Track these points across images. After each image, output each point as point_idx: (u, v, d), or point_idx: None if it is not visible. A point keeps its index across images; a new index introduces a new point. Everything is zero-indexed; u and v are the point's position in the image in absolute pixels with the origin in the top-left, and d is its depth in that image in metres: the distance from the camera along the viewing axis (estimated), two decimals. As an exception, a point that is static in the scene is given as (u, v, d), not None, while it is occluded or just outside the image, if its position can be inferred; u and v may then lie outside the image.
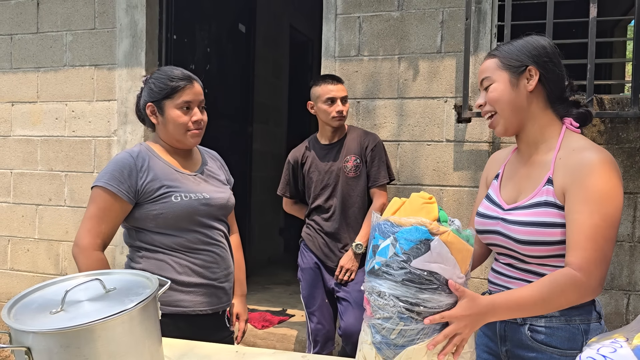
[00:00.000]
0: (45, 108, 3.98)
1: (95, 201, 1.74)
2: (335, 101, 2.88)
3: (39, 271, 4.03)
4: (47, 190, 3.98)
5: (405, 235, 1.23)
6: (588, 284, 1.27)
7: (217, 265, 1.86)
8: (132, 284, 1.44)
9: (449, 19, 3.14)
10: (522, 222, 1.37)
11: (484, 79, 1.46)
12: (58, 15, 3.92)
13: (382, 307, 1.25)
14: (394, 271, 1.23)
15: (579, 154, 1.34)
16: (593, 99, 2.83)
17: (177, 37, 3.97)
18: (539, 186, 1.38)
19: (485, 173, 1.65)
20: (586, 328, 1.38)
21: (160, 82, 1.81)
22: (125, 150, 1.82)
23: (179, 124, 1.80)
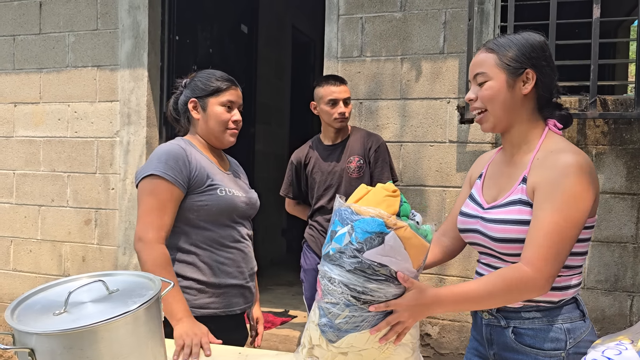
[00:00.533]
0: (47, 109, 3.98)
1: (153, 193, 1.72)
2: (337, 103, 2.87)
3: (41, 272, 4.03)
4: (49, 191, 3.99)
5: (362, 225, 1.25)
6: (535, 279, 1.27)
7: (245, 264, 1.88)
8: (135, 286, 1.43)
9: (451, 20, 3.13)
10: (498, 220, 1.38)
11: (479, 73, 1.42)
12: (60, 16, 3.93)
13: (331, 292, 1.28)
14: (346, 259, 1.26)
15: (555, 155, 1.35)
16: (597, 100, 2.82)
17: (179, 37, 3.97)
18: (515, 185, 1.39)
19: (470, 173, 1.65)
20: (569, 327, 1.37)
21: (206, 80, 1.87)
22: (169, 142, 1.84)
23: (220, 121, 1.85)
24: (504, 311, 1.42)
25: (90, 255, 3.91)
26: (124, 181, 3.80)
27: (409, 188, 3.23)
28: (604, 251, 2.95)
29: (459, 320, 3.15)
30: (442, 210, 3.17)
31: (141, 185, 1.75)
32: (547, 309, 1.37)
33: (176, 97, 1.94)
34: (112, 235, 3.85)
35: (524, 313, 1.39)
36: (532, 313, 1.38)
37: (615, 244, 2.93)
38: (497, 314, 1.43)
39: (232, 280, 1.83)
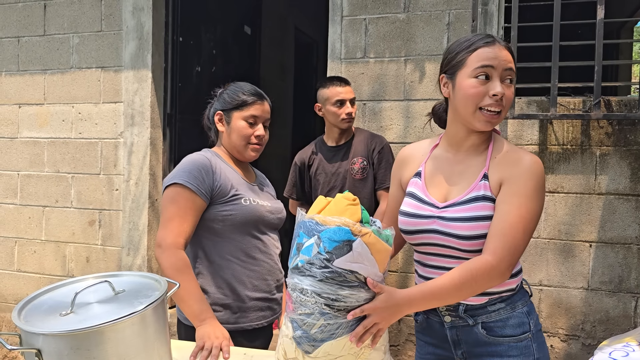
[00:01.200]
0: (52, 110, 3.99)
1: (175, 201, 1.73)
2: (344, 103, 2.88)
3: (45, 273, 4.04)
4: (53, 192, 4.00)
5: (329, 235, 1.28)
6: (497, 267, 1.32)
7: (271, 276, 1.86)
8: (141, 286, 1.44)
9: (455, 21, 3.13)
10: (462, 218, 1.39)
11: (509, 69, 1.37)
12: (65, 18, 3.94)
13: (304, 304, 1.30)
14: (316, 269, 1.28)
15: (514, 154, 1.41)
16: (600, 101, 2.82)
17: (183, 39, 3.98)
18: (475, 182, 1.41)
19: (398, 172, 1.60)
20: (527, 310, 1.46)
21: (233, 94, 1.88)
22: (196, 153, 1.86)
23: (242, 135, 1.85)
24: (470, 310, 1.45)
25: (94, 256, 3.92)
26: (127, 182, 3.80)
27: (412, 189, 3.23)
28: (608, 252, 2.94)
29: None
30: (445, 212, 3.16)
31: (165, 194, 1.77)
32: (509, 297, 1.45)
33: (210, 107, 1.96)
34: (116, 236, 3.85)
35: (489, 307, 1.44)
36: (496, 305, 1.44)
37: (619, 245, 2.93)
38: (464, 314, 1.45)
39: (258, 293, 1.82)
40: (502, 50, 1.37)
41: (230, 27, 4.70)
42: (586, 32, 3.23)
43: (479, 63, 1.36)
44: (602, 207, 2.92)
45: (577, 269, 2.99)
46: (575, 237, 2.99)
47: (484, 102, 1.36)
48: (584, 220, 2.96)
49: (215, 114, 1.90)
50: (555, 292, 3.01)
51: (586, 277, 2.98)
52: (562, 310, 3.00)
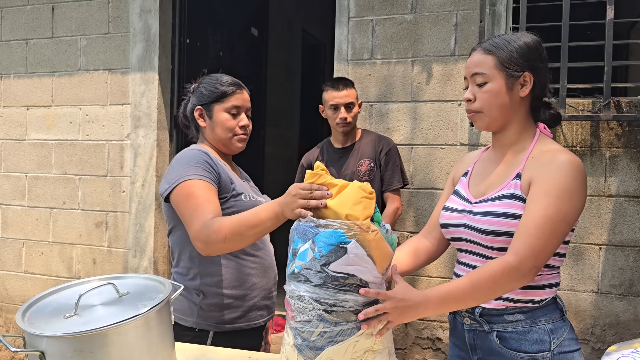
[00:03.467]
0: (59, 112, 4.00)
1: (191, 194, 1.62)
2: (338, 108, 2.86)
3: (52, 274, 4.05)
4: (61, 194, 4.00)
5: (323, 239, 1.26)
6: (518, 268, 1.27)
7: (268, 273, 1.83)
8: (146, 289, 1.43)
9: (462, 22, 3.11)
10: (487, 213, 1.39)
11: (477, 73, 1.42)
12: (73, 20, 3.95)
13: (302, 311, 1.28)
14: (313, 275, 1.26)
15: (551, 154, 1.37)
16: (610, 102, 2.79)
17: (190, 41, 3.97)
18: (508, 180, 1.40)
19: (453, 173, 1.65)
20: (552, 328, 1.38)
21: (210, 86, 1.82)
22: (189, 149, 1.78)
23: (226, 128, 1.80)
24: (486, 315, 1.42)
25: (101, 258, 3.92)
26: (134, 184, 3.81)
27: (419, 191, 3.21)
28: (618, 255, 2.91)
29: (471, 325, 3.12)
30: (453, 214, 3.13)
31: (174, 196, 1.66)
32: (530, 310, 1.39)
33: (185, 104, 1.89)
34: (123, 238, 3.86)
35: (507, 316, 1.40)
36: (515, 315, 1.39)
37: (629, 248, 2.89)
38: (480, 318, 1.43)
39: (257, 291, 1.79)
40: (473, 55, 1.46)
41: (237, 28, 4.70)
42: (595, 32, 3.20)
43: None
44: (612, 209, 2.89)
45: (586, 272, 2.95)
46: (585, 239, 2.95)
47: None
48: (594, 223, 2.93)
49: (194, 109, 1.83)
50: (564, 296, 2.98)
51: (596, 280, 2.95)
52: (571, 313, 2.97)
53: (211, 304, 1.74)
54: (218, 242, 1.55)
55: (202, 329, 1.74)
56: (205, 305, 1.74)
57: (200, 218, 1.58)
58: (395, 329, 3.23)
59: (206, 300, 1.74)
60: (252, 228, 1.53)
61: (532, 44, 1.43)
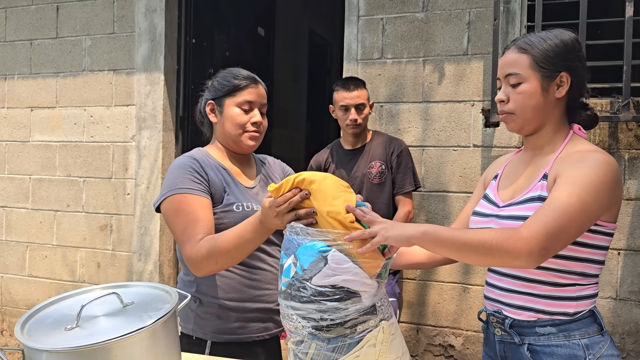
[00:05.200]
0: (64, 113, 3.95)
1: (180, 210, 1.56)
2: (349, 109, 2.80)
3: (56, 278, 3.99)
4: (65, 196, 3.95)
5: (303, 251, 1.20)
6: (526, 242, 1.16)
7: (274, 285, 1.71)
8: (151, 298, 1.37)
9: (475, 20, 3.03)
10: (514, 217, 1.33)
11: (511, 74, 1.36)
12: (77, 20, 3.90)
13: (294, 330, 1.22)
14: (298, 291, 1.20)
15: (583, 153, 1.31)
16: (630, 102, 2.70)
17: (195, 41, 3.92)
18: (534, 182, 1.35)
19: (484, 175, 1.61)
20: (587, 343, 1.30)
21: (224, 80, 1.72)
22: (183, 155, 1.71)
23: (236, 123, 1.68)
24: (517, 327, 1.35)
25: (105, 262, 3.86)
26: (139, 186, 3.74)
27: (431, 194, 3.13)
28: (637, 261, 2.82)
29: (484, 331, 3.04)
30: (466, 217, 3.05)
31: (163, 210, 1.61)
32: (563, 323, 1.31)
33: (201, 100, 1.80)
34: (128, 241, 3.79)
35: (538, 328, 1.33)
36: (547, 328, 1.32)
37: (649, 253, 2.81)
38: (511, 329, 1.36)
39: (259, 304, 1.68)
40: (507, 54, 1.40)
41: (244, 28, 4.64)
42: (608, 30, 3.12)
43: None
44: (632, 213, 2.80)
45: (604, 277, 2.86)
46: (602, 244, 2.86)
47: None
48: (612, 227, 2.84)
49: (206, 104, 1.73)
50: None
51: (614, 286, 2.86)
52: (588, 320, 2.88)
53: (207, 312, 1.66)
54: (209, 266, 1.53)
55: (199, 338, 1.67)
56: (201, 313, 1.67)
57: (190, 239, 1.54)
58: (406, 335, 3.14)
59: (202, 307, 1.66)
60: (237, 247, 1.49)
61: (569, 41, 1.36)
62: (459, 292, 3.08)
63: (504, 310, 1.38)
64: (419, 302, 3.15)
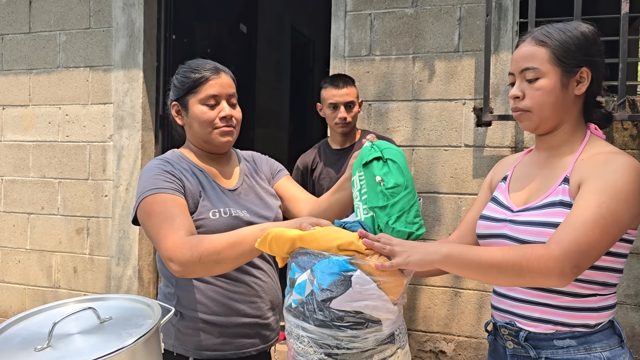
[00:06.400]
0: (37, 112, 3.78)
1: (152, 211, 1.42)
2: (338, 107, 2.70)
3: (30, 283, 3.82)
4: (39, 198, 3.79)
5: (323, 268, 1.09)
6: (559, 260, 1.09)
7: (261, 298, 1.58)
8: (131, 313, 1.26)
9: (467, 16, 2.96)
10: (532, 223, 1.24)
11: (528, 68, 1.26)
12: (51, 14, 3.74)
13: (302, 354, 1.12)
14: (312, 313, 1.09)
15: (606, 155, 1.23)
16: (625, 101, 2.65)
17: (176, 36, 3.79)
18: (554, 185, 1.26)
19: (490, 176, 1.51)
20: (609, 355, 1.23)
21: (183, 76, 1.57)
22: (155, 159, 1.57)
23: (203, 122, 1.52)
24: (533, 339, 1.26)
25: (82, 266, 3.70)
26: (117, 188, 3.59)
27: (421, 195, 3.05)
28: (633, 263, 2.77)
29: (476, 337, 2.96)
30: (457, 219, 2.98)
31: (138, 215, 1.48)
32: (583, 335, 1.23)
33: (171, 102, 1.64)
34: (105, 245, 3.64)
35: (556, 341, 1.24)
36: (566, 341, 1.23)
37: (643, 255, 2.76)
38: (525, 343, 1.27)
39: (244, 318, 1.55)
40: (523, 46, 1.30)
41: (226, 24, 4.52)
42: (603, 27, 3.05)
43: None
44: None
45: (598, 279, 2.80)
46: (596, 245, 2.81)
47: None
48: (606, 228, 2.79)
49: (171, 106, 1.59)
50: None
51: (608, 288, 2.80)
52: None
53: (189, 327, 1.53)
54: (193, 263, 1.34)
55: (181, 354, 1.53)
56: (183, 328, 1.54)
57: (169, 235, 1.37)
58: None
59: (183, 322, 1.54)
60: (231, 247, 1.33)
61: (590, 34, 1.27)
62: (450, 297, 3.00)
63: (518, 322, 1.28)
64: (409, 307, 3.06)
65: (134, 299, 1.32)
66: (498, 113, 2.87)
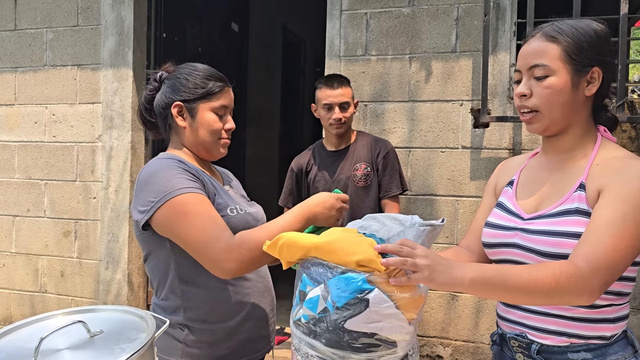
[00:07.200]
0: (23, 111, 3.68)
1: (188, 213, 1.35)
2: (332, 108, 2.64)
3: (15, 288, 3.72)
4: (25, 200, 3.69)
5: (338, 285, 1.02)
6: (588, 279, 1.04)
7: (265, 297, 1.56)
8: (123, 326, 1.19)
9: (464, 16, 2.91)
10: (546, 232, 1.18)
11: (538, 65, 1.20)
12: (38, 11, 3.64)
13: None
14: (324, 331, 1.03)
15: (623, 160, 1.17)
16: (624, 103, 2.61)
17: (166, 35, 3.71)
18: (569, 192, 1.20)
19: (495, 180, 1.45)
20: None
21: (195, 79, 1.52)
22: (158, 159, 1.50)
23: (213, 130, 1.52)
24: (545, 352, 1.20)
25: (70, 270, 3.61)
26: (106, 190, 3.51)
27: (418, 198, 3.00)
28: (632, 266, 2.74)
29: (474, 341, 2.92)
30: (454, 222, 2.93)
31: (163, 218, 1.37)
32: (599, 347, 1.18)
33: (149, 95, 1.57)
34: (94, 248, 3.56)
35: (570, 354, 1.19)
36: (581, 353, 1.18)
37: (642, 258, 2.73)
38: (537, 356, 1.21)
39: (252, 322, 1.52)
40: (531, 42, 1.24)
41: (217, 23, 4.45)
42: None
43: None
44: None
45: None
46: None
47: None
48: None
49: (171, 105, 1.52)
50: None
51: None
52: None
53: (198, 341, 1.47)
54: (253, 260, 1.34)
55: None
56: (190, 342, 1.47)
57: (219, 237, 1.34)
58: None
59: (192, 336, 1.47)
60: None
61: (602, 32, 1.21)
62: (447, 301, 2.95)
63: (530, 334, 1.23)
64: (405, 311, 3.01)
65: (126, 310, 1.25)
66: (496, 114, 2.83)
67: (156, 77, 1.57)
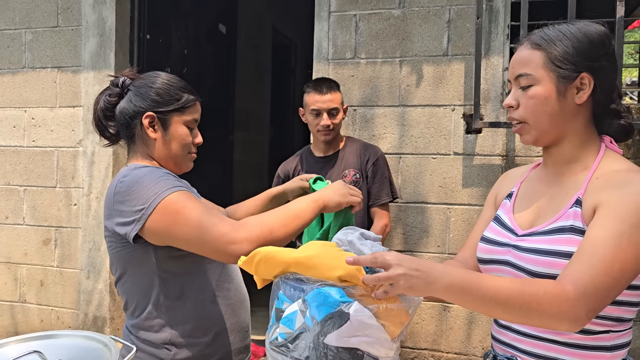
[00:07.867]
0: (1, 115, 3.57)
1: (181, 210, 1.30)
2: (320, 114, 2.55)
3: (-7, 297, 3.60)
4: (3, 207, 3.57)
5: (317, 298, 0.97)
6: (574, 303, 0.96)
7: (243, 307, 1.52)
8: (85, 354, 1.11)
9: (456, 18, 2.82)
10: (538, 250, 1.11)
11: (522, 75, 1.15)
12: (16, 11, 3.52)
13: None
14: (303, 349, 0.98)
15: (623, 174, 1.09)
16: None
17: (150, 36, 3.60)
18: (564, 208, 1.12)
19: (495, 191, 1.39)
20: None
21: (169, 90, 1.46)
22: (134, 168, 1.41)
23: (185, 144, 1.48)
24: None
25: (50, 279, 3.49)
26: (87, 196, 3.39)
27: (409, 205, 2.91)
28: (629, 277, 2.66)
29: (466, 354, 2.83)
30: (445, 231, 2.84)
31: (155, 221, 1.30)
32: None
33: (108, 101, 1.47)
34: (75, 256, 3.44)
35: None
36: None
37: None
38: None
39: (235, 333, 1.48)
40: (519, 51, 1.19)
41: (204, 24, 4.35)
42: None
43: None
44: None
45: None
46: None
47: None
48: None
49: (142, 114, 1.44)
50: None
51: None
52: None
53: (186, 358, 1.40)
54: (264, 237, 1.29)
55: None
56: None
57: (217, 222, 1.30)
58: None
59: (180, 354, 1.40)
60: (295, 218, 1.35)
61: (596, 36, 1.13)
62: (438, 312, 2.86)
63: (520, 358, 1.15)
64: (395, 322, 2.92)
65: (87, 336, 1.16)
66: (489, 120, 2.75)
67: (118, 82, 1.49)
